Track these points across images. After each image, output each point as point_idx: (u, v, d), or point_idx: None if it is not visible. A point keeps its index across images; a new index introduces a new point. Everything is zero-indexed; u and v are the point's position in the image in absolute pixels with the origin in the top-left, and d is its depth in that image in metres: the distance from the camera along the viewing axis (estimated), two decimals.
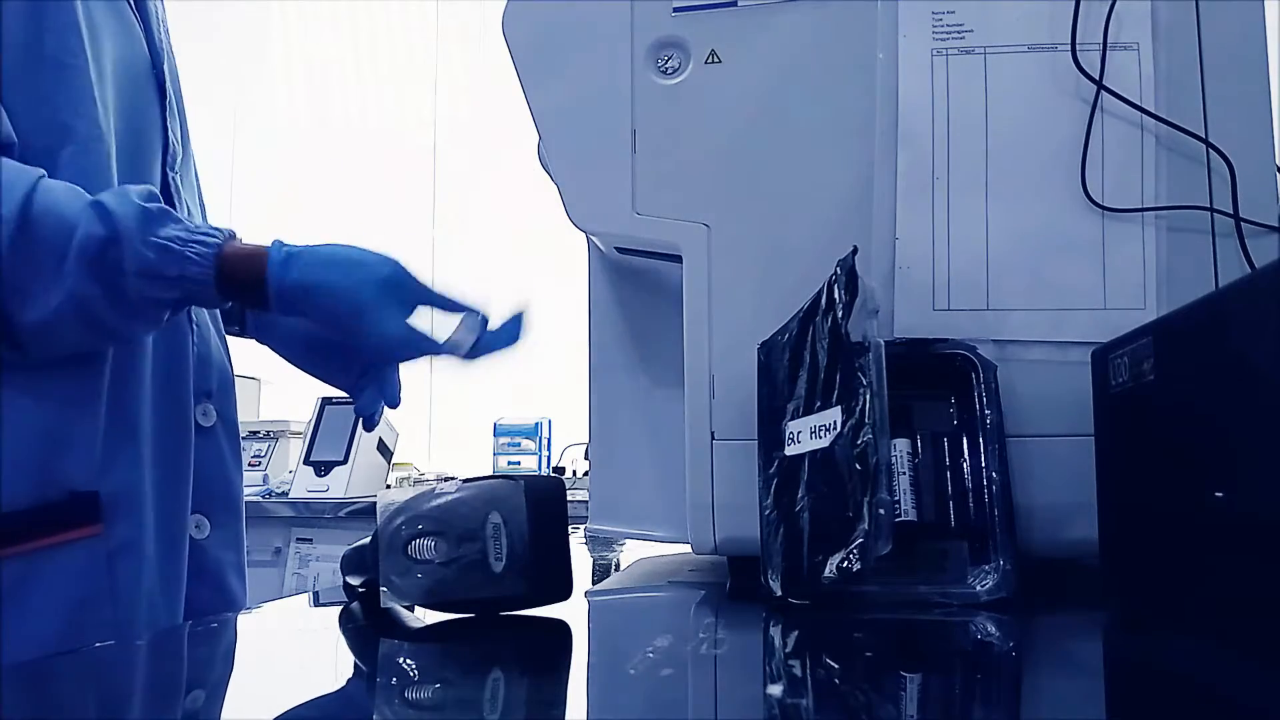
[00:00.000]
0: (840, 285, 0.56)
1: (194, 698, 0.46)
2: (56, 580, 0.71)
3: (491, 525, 0.55)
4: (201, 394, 0.84)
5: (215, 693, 0.46)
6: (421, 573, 0.55)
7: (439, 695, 0.43)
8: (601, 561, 0.95)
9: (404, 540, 0.56)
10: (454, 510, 0.56)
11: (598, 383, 0.81)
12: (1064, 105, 0.65)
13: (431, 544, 0.55)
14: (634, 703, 0.40)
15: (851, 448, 0.53)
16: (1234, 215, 0.63)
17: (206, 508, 0.83)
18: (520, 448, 2.90)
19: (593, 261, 0.82)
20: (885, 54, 0.67)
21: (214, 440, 0.85)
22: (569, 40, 0.72)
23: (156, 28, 0.85)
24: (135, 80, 0.81)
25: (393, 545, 0.56)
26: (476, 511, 0.55)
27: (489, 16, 2.55)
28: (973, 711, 0.41)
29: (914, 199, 0.66)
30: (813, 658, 0.49)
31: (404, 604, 0.56)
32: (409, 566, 0.55)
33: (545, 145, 0.74)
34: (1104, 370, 0.57)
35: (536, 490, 0.56)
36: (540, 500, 0.56)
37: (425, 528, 0.56)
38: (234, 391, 0.89)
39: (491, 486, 0.56)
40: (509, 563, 0.54)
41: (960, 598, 0.56)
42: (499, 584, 0.54)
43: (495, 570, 0.54)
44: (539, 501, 0.56)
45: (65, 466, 0.72)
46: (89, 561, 0.73)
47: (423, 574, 0.55)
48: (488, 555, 0.54)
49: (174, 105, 0.86)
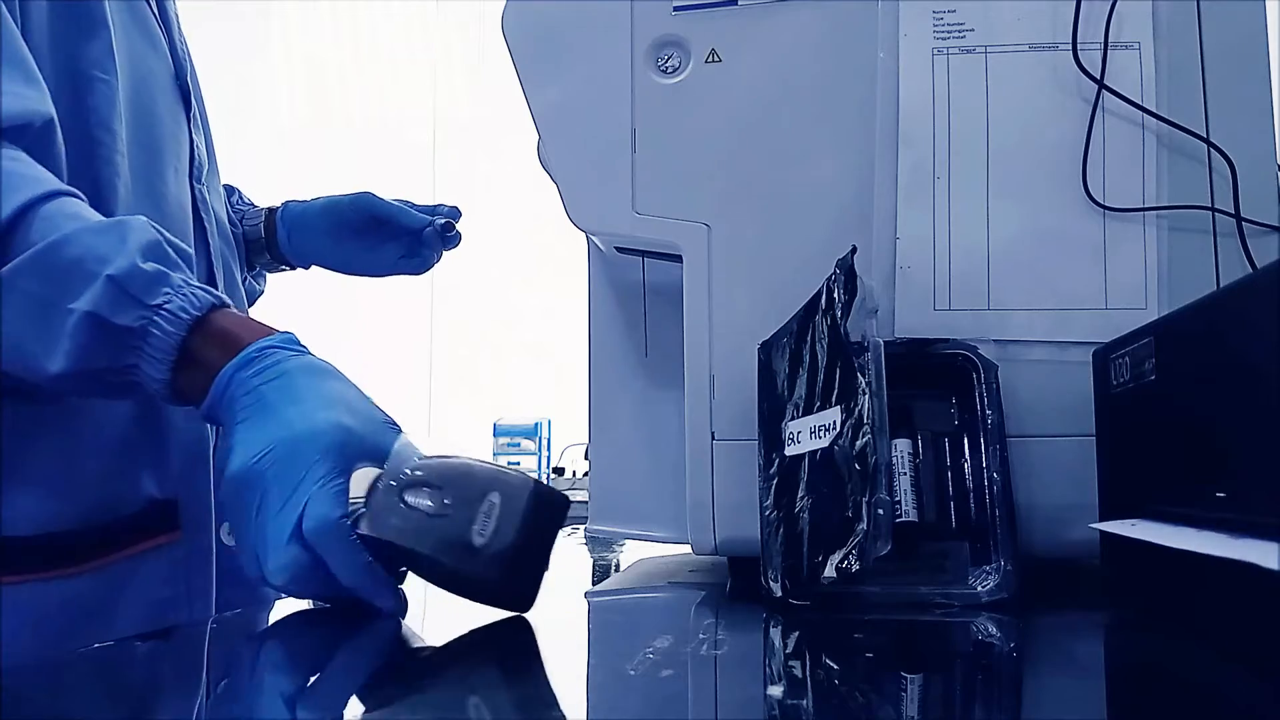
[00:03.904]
0: (839, 285, 0.56)
1: (192, 699, 0.46)
2: (139, 588, 0.73)
3: (489, 502, 0.54)
4: None
5: (213, 695, 0.46)
6: (405, 515, 0.54)
7: (438, 695, 0.43)
8: (601, 562, 0.95)
9: (405, 483, 0.55)
10: (459, 473, 0.56)
11: (598, 383, 0.81)
12: (1065, 105, 0.65)
13: (426, 494, 0.55)
14: (634, 703, 0.40)
15: (851, 448, 0.53)
16: (1235, 215, 0.63)
17: None
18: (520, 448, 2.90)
19: (593, 261, 0.82)
20: (886, 54, 0.67)
21: None
22: (569, 39, 0.71)
23: (178, 36, 0.84)
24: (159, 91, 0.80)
25: (392, 484, 0.55)
26: (479, 483, 0.55)
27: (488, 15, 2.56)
28: (973, 712, 0.41)
29: (914, 199, 0.66)
30: (813, 659, 0.49)
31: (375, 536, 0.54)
32: (397, 506, 0.54)
33: (545, 144, 0.74)
34: (1105, 370, 0.57)
35: (543, 494, 0.56)
36: (543, 504, 0.55)
37: (427, 477, 0.55)
38: None
39: (503, 471, 0.56)
40: (490, 544, 0.53)
41: (961, 598, 0.56)
42: (473, 559, 0.53)
43: (474, 544, 0.53)
44: (541, 504, 0.55)
45: (141, 477, 0.73)
46: (170, 568, 0.74)
47: (405, 517, 0.54)
48: (473, 526, 0.53)
49: (199, 116, 0.86)
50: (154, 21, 0.80)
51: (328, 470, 0.56)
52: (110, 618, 0.71)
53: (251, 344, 0.61)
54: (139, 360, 0.60)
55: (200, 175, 0.84)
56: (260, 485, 0.57)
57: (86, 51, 0.71)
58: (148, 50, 0.79)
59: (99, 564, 0.70)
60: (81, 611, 0.69)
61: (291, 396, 0.59)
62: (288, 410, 0.58)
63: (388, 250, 1.07)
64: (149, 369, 0.60)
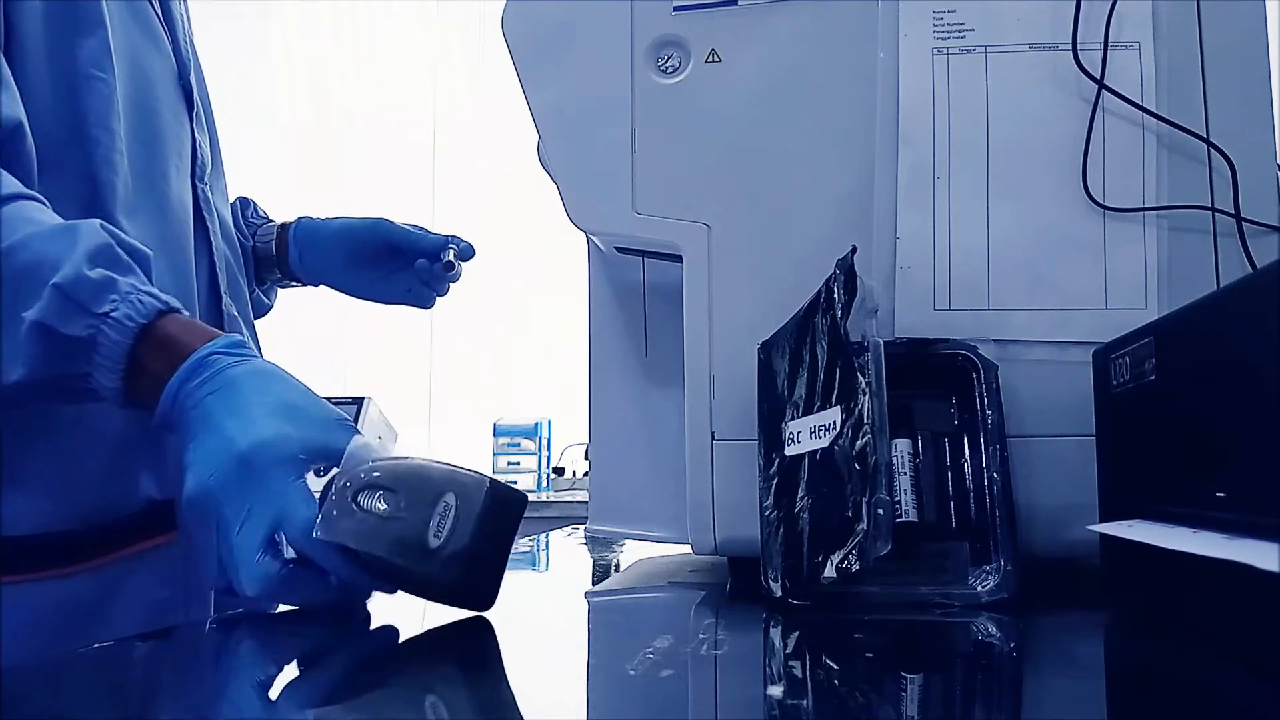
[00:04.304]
0: (839, 285, 0.56)
1: (189, 699, 0.45)
2: (136, 589, 0.73)
3: (444, 504, 0.53)
4: None
5: (211, 696, 0.46)
6: (358, 520, 0.54)
7: (438, 695, 0.43)
8: (601, 562, 0.95)
9: (358, 486, 0.55)
10: (413, 474, 0.55)
11: (598, 383, 0.81)
12: (1065, 105, 0.65)
13: (380, 497, 0.54)
14: (634, 703, 0.40)
15: (851, 448, 0.53)
16: (1235, 215, 0.63)
17: None
18: (520, 448, 2.90)
19: (593, 261, 0.82)
20: (886, 53, 0.67)
21: None
22: (569, 39, 0.71)
23: (183, 37, 0.84)
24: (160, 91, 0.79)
25: (345, 486, 0.55)
26: (434, 485, 0.54)
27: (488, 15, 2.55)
28: (973, 712, 0.41)
29: (914, 199, 0.66)
30: (813, 659, 0.49)
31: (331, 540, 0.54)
32: (351, 509, 0.54)
33: (545, 144, 0.74)
34: (1105, 370, 0.57)
35: (500, 493, 0.55)
36: (499, 504, 0.55)
37: (380, 479, 0.55)
38: None
39: (458, 471, 0.55)
40: (446, 546, 0.53)
41: (961, 598, 0.56)
42: (429, 561, 0.53)
43: (430, 546, 0.53)
44: (498, 504, 0.54)
45: (140, 477, 0.73)
46: (168, 568, 0.74)
47: (358, 521, 0.54)
48: (428, 529, 0.53)
49: (202, 115, 0.85)
50: (156, 21, 0.80)
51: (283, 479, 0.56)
52: (107, 618, 0.71)
53: (194, 352, 0.60)
54: (91, 369, 0.60)
55: (203, 175, 0.84)
56: (215, 505, 0.57)
57: (83, 50, 0.71)
58: (149, 49, 0.79)
59: (96, 564, 0.70)
60: (78, 612, 0.69)
61: (234, 408, 0.59)
62: (231, 424, 0.58)
63: (399, 280, 1.05)
64: (101, 378, 0.60)
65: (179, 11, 0.84)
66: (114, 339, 0.59)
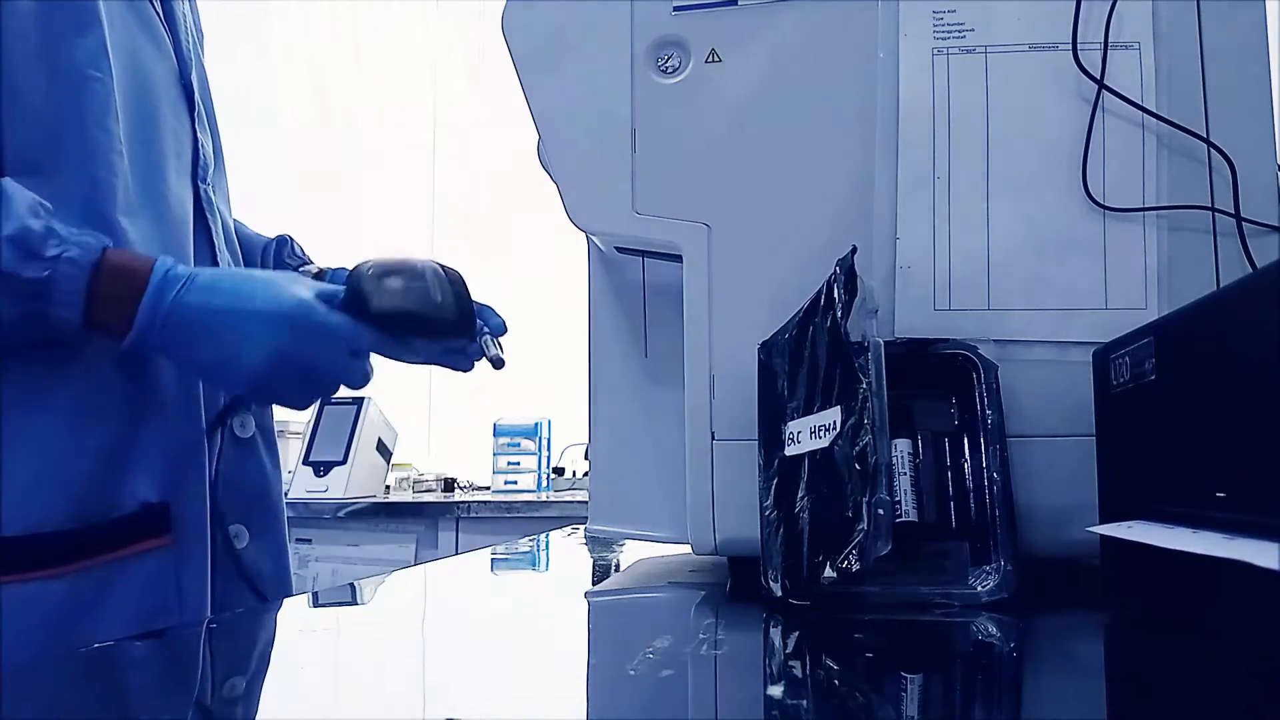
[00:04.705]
0: (839, 285, 0.56)
1: (187, 701, 0.45)
2: (130, 590, 0.73)
3: (431, 272, 0.79)
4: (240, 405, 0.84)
5: (208, 696, 0.46)
6: (393, 293, 0.76)
7: (438, 695, 0.43)
8: (601, 562, 0.95)
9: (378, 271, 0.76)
10: (403, 261, 0.79)
11: (598, 383, 0.81)
12: (1065, 104, 0.65)
13: (395, 278, 0.77)
14: (634, 703, 0.40)
15: (851, 448, 0.53)
16: (1235, 215, 0.63)
17: (246, 518, 0.83)
18: (520, 448, 2.90)
19: (593, 261, 0.82)
20: (886, 53, 0.67)
21: (253, 451, 0.86)
22: (569, 39, 0.71)
23: (185, 37, 0.84)
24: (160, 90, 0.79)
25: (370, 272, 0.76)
26: (418, 266, 0.79)
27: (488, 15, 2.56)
28: (973, 712, 0.41)
29: (914, 199, 0.66)
30: (813, 659, 0.49)
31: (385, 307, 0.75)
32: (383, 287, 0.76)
33: (545, 145, 0.74)
34: (1105, 370, 0.57)
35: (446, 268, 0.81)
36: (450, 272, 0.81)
37: (388, 266, 0.77)
38: None
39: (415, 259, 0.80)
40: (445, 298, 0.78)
41: (961, 598, 0.56)
42: (441, 309, 0.78)
43: (438, 300, 0.78)
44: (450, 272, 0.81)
45: (133, 479, 0.73)
46: (159, 571, 0.74)
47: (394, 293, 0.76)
48: (431, 289, 0.78)
49: (204, 116, 0.85)
50: (158, 21, 0.80)
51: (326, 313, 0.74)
52: (96, 620, 0.70)
53: (151, 273, 0.68)
54: (49, 306, 0.66)
55: (205, 175, 0.84)
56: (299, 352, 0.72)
57: (79, 50, 0.71)
58: (150, 49, 0.78)
59: (85, 566, 0.70)
60: (69, 613, 0.69)
61: (244, 294, 0.71)
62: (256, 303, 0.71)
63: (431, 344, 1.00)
64: (62, 311, 0.66)
65: (181, 11, 0.84)
66: (70, 274, 0.66)
